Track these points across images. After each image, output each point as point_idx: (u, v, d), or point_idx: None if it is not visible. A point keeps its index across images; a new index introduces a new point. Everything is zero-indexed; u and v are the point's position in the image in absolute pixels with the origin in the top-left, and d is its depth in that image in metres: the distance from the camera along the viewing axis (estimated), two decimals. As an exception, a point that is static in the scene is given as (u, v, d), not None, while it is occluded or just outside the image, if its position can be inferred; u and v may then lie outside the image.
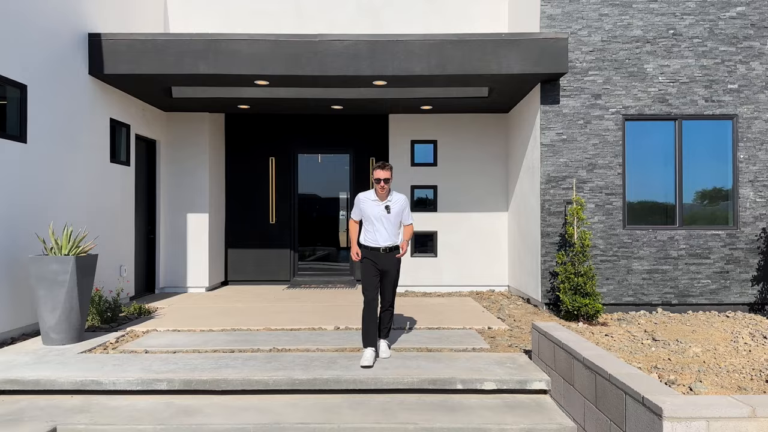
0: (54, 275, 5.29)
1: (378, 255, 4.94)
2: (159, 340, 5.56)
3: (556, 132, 7.46)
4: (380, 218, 4.94)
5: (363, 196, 5.08)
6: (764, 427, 2.59)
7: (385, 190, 4.94)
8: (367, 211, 4.98)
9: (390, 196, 5.03)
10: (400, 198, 5.10)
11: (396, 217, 5.00)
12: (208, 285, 9.37)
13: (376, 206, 4.97)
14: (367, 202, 5.01)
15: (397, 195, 5.10)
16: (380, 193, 4.95)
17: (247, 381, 4.21)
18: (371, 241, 4.97)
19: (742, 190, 7.46)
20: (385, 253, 4.95)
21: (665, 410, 2.59)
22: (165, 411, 3.96)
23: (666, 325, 6.52)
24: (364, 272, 4.98)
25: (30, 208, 5.95)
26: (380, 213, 4.94)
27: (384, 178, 4.91)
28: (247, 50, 7.06)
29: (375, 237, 4.96)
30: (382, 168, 4.94)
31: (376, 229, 4.95)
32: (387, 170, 4.95)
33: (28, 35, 5.93)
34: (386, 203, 4.97)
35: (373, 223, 4.95)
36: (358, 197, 5.12)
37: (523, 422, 3.77)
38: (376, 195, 4.99)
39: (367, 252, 4.98)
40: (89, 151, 7.08)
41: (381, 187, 4.91)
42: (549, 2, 7.46)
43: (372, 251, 4.96)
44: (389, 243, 4.97)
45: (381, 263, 4.94)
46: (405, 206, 5.10)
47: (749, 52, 7.48)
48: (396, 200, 5.04)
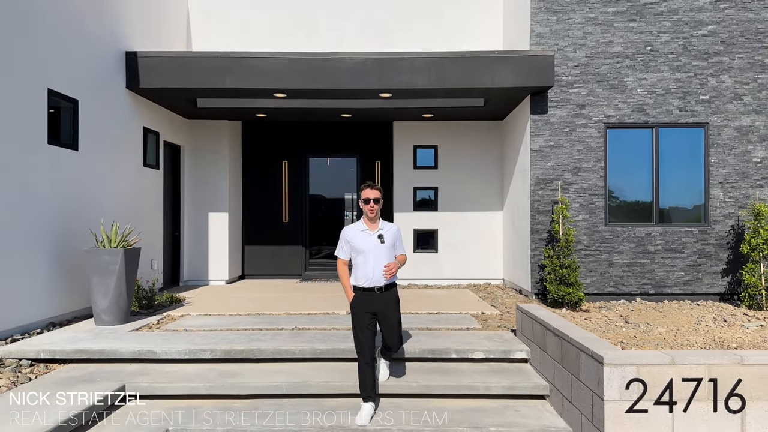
0: (106, 265, 6.14)
1: (372, 297, 4.28)
2: (194, 322, 6.41)
3: (544, 139, 8.27)
4: (373, 250, 4.28)
5: (349, 229, 4.42)
6: (680, 371, 3.41)
7: (374, 213, 4.33)
8: (358, 244, 4.32)
9: (381, 224, 4.43)
10: (393, 227, 4.49)
11: (390, 248, 4.36)
12: (228, 278, 10.22)
13: (366, 237, 4.32)
14: (356, 233, 4.37)
15: (389, 224, 4.51)
16: (370, 217, 4.34)
17: (277, 350, 5.05)
18: (364, 280, 4.30)
19: (713, 191, 8.26)
20: (381, 293, 4.29)
21: (605, 359, 3.42)
22: (210, 374, 4.80)
23: (641, 312, 7.33)
24: (357, 323, 4.28)
25: (81, 207, 6.81)
26: (373, 244, 4.30)
27: (374, 197, 4.32)
28: (267, 66, 7.91)
29: (368, 273, 4.27)
30: (370, 187, 4.36)
31: (368, 264, 4.27)
32: (376, 190, 4.37)
33: (78, 56, 6.79)
34: (378, 232, 4.35)
35: (366, 257, 4.28)
36: (343, 232, 4.44)
37: (505, 382, 4.60)
38: (365, 224, 4.39)
39: (359, 295, 4.32)
40: (126, 156, 7.94)
41: (371, 208, 4.30)
42: (538, 22, 8.28)
43: (365, 293, 4.30)
44: (384, 281, 4.30)
45: (376, 306, 4.30)
46: (398, 236, 4.48)
47: (719, 66, 8.27)
48: (389, 229, 4.44)
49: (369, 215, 4.35)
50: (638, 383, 3.41)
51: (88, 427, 3.97)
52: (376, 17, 10.33)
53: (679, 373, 3.42)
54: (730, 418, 3.42)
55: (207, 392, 4.51)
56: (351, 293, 4.41)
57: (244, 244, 11.06)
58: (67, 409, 3.94)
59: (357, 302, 4.32)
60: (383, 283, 4.30)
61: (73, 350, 5.11)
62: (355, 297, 4.37)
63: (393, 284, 4.43)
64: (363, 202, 4.37)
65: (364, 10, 10.33)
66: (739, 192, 8.22)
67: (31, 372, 4.87)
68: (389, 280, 4.34)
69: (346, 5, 10.33)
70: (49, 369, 5.00)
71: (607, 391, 3.43)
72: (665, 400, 3.40)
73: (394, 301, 4.42)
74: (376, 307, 4.29)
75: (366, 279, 4.29)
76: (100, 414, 4.17)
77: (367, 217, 4.38)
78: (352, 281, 4.41)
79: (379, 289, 4.30)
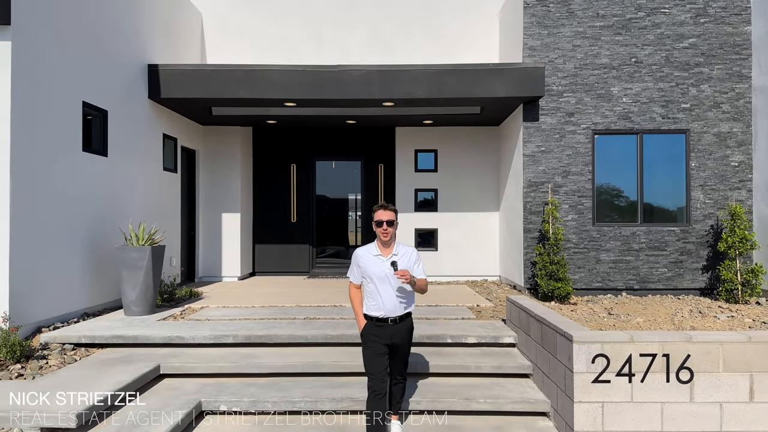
0: (134, 261, 6.78)
1: (385, 329, 3.94)
2: (214, 313, 7.05)
3: (536, 144, 8.89)
4: (385, 279, 3.91)
5: (362, 251, 4.06)
6: (638, 348, 4.03)
7: (389, 236, 3.94)
8: (369, 269, 3.95)
9: (396, 247, 4.02)
10: (408, 250, 4.06)
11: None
12: (240, 275, 10.86)
13: (379, 263, 3.95)
14: (368, 258, 3.99)
15: (405, 247, 4.07)
16: (383, 241, 3.97)
17: (292, 336, 5.68)
18: (375, 310, 3.96)
19: (694, 193, 8.86)
20: (395, 325, 3.96)
21: (574, 337, 4.04)
22: (233, 356, 5.43)
23: (624, 305, 7.93)
24: (368, 352, 3.98)
25: (109, 209, 7.45)
26: (385, 272, 3.91)
27: (387, 220, 3.90)
28: (279, 78, 8.54)
29: (380, 303, 3.93)
30: (383, 208, 3.96)
31: (380, 292, 3.92)
32: (390, 211, 3.95)
33: (107, 69, 7.43)
34: (391, 257, 3.94)
35: (377, 285, 3.93)
36: (355, 254, 4.08)
37: (494, 363, 5.23)
38: (378, 248, 4.01)
39: (371, 325, 3.99)
40: (148, 161, 8.59)
41: (384, 231, 3.91)
42: (530, 36, 8.89)
43: (377, 324, 3.96)
44: (399, 311, 3.96)
45: (390, 338, 3.96)
46: (416, 260, 4.05)
47: (699, 76, 8.87)
48: (404, 253, 4.01)
49: (382, 239, 3.96)
50: (602, 358, 4.02)
51: (135, 396, 4.60)
52: (379, 29, 10.95)
53: (637, 350, 4.04)
54: (681, 388, 4.03)
55: (232, 371, 5.15)
56: (362, 321, 4.06)
57: (254, 243, 11.70)
58: (117, 381, 4.57)
59: (369, 332, 4.00)
60: (398, 313, 3.95)
61: (110, 336, 5.75)
62: (366, 326, 4.03)
63: (408, 314, 4.06)
64: (375, 224, 3.95)
65: (368, 23, 10.95)
66: (718, 194, 8.82)
67: (74, 354, 5.51)
68: (405, 309, 4.00)
69: (351, 18, 10.96)
70: (90, 352, 5.64)
71: (576, 365, 4.04)
72: (625, 372, 4.01)
73: (408, 333, 4.10)
74: (390, 338, 3.96)
75: (377, 309, 3.95)
76: (141, 387, 4.81)
77: (380, 240, 4.00)
78: (364, 309, 4.07)
79: (393, 321, 3.95)
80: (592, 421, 4.04)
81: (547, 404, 4.59)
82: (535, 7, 8.87)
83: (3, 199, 5.55)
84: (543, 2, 8.88)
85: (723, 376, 4.04)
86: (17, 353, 5.06)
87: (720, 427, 4.03)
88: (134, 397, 4.61)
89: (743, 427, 4.03)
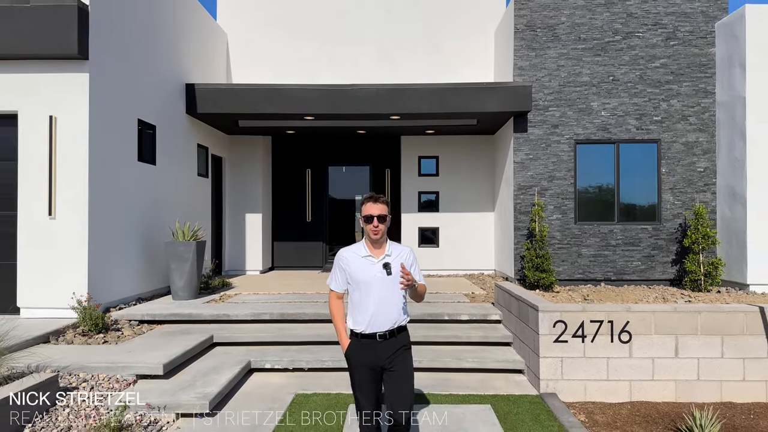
0: (182, 254, 8.04)
1: (374, 347, 3.24)
2: (248, 297, 8.30)
3: (525, 153, 10.10)
4: (375, 284, 3.25)
5: (347, 252, 3.38)
6: (589, 316, 5.25)
7: (379, 234, 3.27)
8: (356, 274, 3.29)
9: (388, 247, 3.36)
10: (404, 251, 3.41)
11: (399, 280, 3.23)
12: (261, 268, 12.12)
13: (368, 266, 3.29)
14: (354, 260, 3.33)
15: (399, 247, 3.41)
16: (373, 240, 3.30)
17: (317, 314, 6.93)
18: (362, 324, 3.26)
19: (664, 196, 10.05)
20: (385, 341, 3.26)
21: (540, 307, 5.27)
22: (270, 329, 6.68)
23: (600, 292, 9.13)
24: (355, 379, 3.29)
25: (157, 209, 8.72)
26: (375, 276, 3.26)
27: (378, 214, 3.27)
28: (300, 95, 9.80)
29: (368, 316, 3.24)
30: (374, 200, 3.31)
31: (369, 302, 3.24)
32: (381, 204, 3.31)
33: (155, 89, 8.70)
34: (383, 259, 3.29)
35: (366, 292, 3.26)
36: (339, 255, 3.41)
37: (482, 334, 6.46)
38: (367, 247, 3.35)
39: (356, 344, 3.29)
40: (186, 168, 9.86)
41: (374, 228, 3.26)
42: (520, 57, 10.11)
43: (364, 342, 3.26)
44: (391, 324, 3.27)
45: (379, 358, 3.24)
46: (413, 263, 3.42)
47: (669, 92, 10.07)
48: (398, 254, 3.35)
49: (372, 237, 3.29)
50: (561, 323, 5.24)
51: (197, 357, 5.86)
52: (386, 47, 12.20)
53: (588, 317, 5.26)
54: (622, 346, 5.25)
55: (271, 339, 6.40)
56: (345, 339, 3.35)
57: (273, 240, 12.96)
58: (183, 346, 5.83)
59: (354, 353, 3.29)
60: (387, 326, 3.25)
61: (168, 314, 7.02)
62: (350, 346, 3.31)
63: (402, 328, 3.36)
64: (364, 220, 3.30)
65: (376, 42, 12.20)
66: (686, 196, 10.01)
67: (141, 328, 6.77)
68: (399, 321, 3.30)
69: (361, 38, 12.21)
70: (152, 327, 6.90)
71: (541, 329, 5.27)
72: (579, 334, 5.23)
73: (404, 351, 3.31)
74: (380, 359, 3.23)
75: (364, 324, 3.25)
76: (200, 352, 6.07)
77: (369, 239, 3.33)
78: (348, 323, 3.37)
79: (382, 336, 3.25)
80: (553, 371, 5.26)
81: (522, 363, 5.82)
82: (525, 32, 10.10)
83: (83, 204, 6.82)
84: (531, 28, 10.10)
85: (654, 337, 5.26)
86: (99, 325, 6.33)
87: (652, 376, 5.25)
88: (197, 358, 5.87)
89: (670, 376, 5.24)
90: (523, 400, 5.09)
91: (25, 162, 6.83)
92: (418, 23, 12.24)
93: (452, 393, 5.26)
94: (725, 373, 5.26)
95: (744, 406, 5.20)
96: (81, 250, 6.80)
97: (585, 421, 4.78)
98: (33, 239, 6.80)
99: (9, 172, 6.93)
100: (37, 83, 6.85)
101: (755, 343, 5.28)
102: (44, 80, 6.84)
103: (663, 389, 5.26)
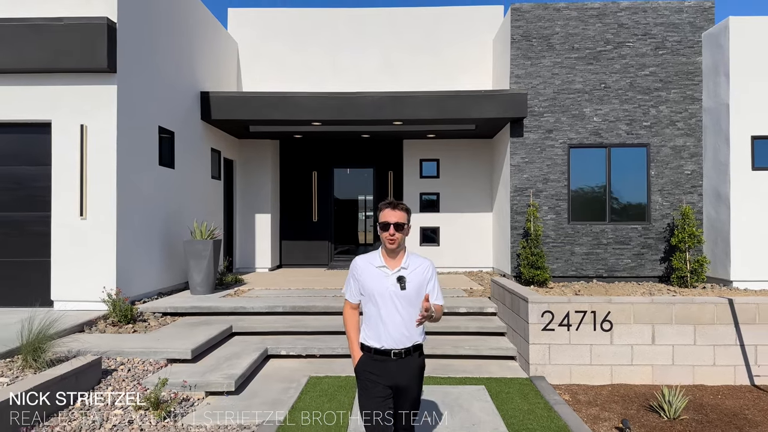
0: (200, 251, 8.63)
1: (386, 364, 3.07)
2: (261, 292, 8.89)
3: (521, 156, 10.67)
4: (389, 297, 3.06)
5: (362, 261, 3.20)
6: (574, 306, 5.82)
7: (395, 244, 3.08)
8: (369, 284, 3.11)
9: (406, 259, 3.15)
10: (423, 264, 3.18)
11: (417, 295, 3.06)
12: (270, 266, 12.71)
13: (382, 278, 3.10)
14: (368, 270, 3.14)
15: (418, 258, 3.20)
16: (389, 250, 3.11)
17: (326, 307, 7.51)
18: (374, 339, 3.09)
19: (653, 197, 10.61)
20: (398, 359, 3.07)
21: (529, 299, 5.84)
22: (284, 320, 7.26)
23: (591, 288, 9.70)
24: (364, 395, 3.11)
25: (175, 210, 9.31)
26: (388, 289, 3.07)
27: (395, 222, 3.08)
28: (307, 103, 10.38)
29: (381, 331, 3.07)
30: (392, 207, 3.12)
31: (381, 316, 3.06)
32: (400, 211, 3.12)
33: (173, 98, 9.28)
34: (398, 271, 3.10)
35: (379, 306, 3.07)
36: (353, 264, 3.24)
37: (478, 324, 7.03)
38: (382, 257, 3.15)
39: (368, 360, 3.11)
40: (201, 171, 10.45)
41: (390, 237, 3.07)
42: (516, 66, 10.68)
43: (376, 359, 3.09)
44: (406, 342, 3.08)
45: (393, 376, 3.07)
46: (431, 277, 3.17)
47: (658, 99, 10.63)
48: (415, 267, 3.14)
49: (387, 246, 3.10)
50: (549, 313, 5.82)
51: (218, 345, 6.45)
52: (388, 54, 12.77)
53: (573, 308, 5.83)
54: (604, 334, 5.82)
55: (285, 329, 6.98)
56: (357, 352, 3.18)
57: (281, 239, 13.55)
58: (206, 335, 6.42)
59: (365, 367, 3.12)
60: (403, 345, 3.06)
61: (189, 307, 7.61)
62: (361, 360, 3.15)
63: (418, 347, 3.15)
64: (380, 227, 3.11)
65: (379, 50, 12.78)
66: (674, 197, 10.57)
67: (164, 320, 7.36)
68: (415, 340, 3.09)
69: (364, 46, 12.79)
70: (175, 319, 7.48)
71: (530, 318, 5.84)
72: (565, 323, 5.80)
73: (418, 371, 3.15)
74: (392, 378, 3.07)
75: (377, 338, 3.08)
76: (222, 340, 6.66)
77: (385, 248, 3.14)
78: (361, 336, 3.19)
79: (396, 354, 3.06)
80: (542, 357, 5.84)
81: (514, 350, 6.39)
82: (521, 42, 10.67)
83: (112, 206, 7.41)
84: (527, 38, 10.66)
85: (633, 326, 5.83)
86: (127, 317, 6.92)
87: (631, 361, 5.82)
88: (218, 346, 6.46)
89: (647, 361, 5.81)
90: (514, 382, 5.66)
91: (58, 167, 7.43)
92: (419, 33, 12.81)
93: (451, 376, 5.84)
94: (697, 358, 5.82)
95: (713, 388, 5.77)
96: (110, 247, 7.39)
97: (569, 400, 5.35)
98: (66, 238, 7.39)
99: (44, 176, 7.53)
100: (69, 94, 7.44)
101: (725, 331, 5.84)
102: (76, 92, 7.44)
103: (641, 373, 5.83)
